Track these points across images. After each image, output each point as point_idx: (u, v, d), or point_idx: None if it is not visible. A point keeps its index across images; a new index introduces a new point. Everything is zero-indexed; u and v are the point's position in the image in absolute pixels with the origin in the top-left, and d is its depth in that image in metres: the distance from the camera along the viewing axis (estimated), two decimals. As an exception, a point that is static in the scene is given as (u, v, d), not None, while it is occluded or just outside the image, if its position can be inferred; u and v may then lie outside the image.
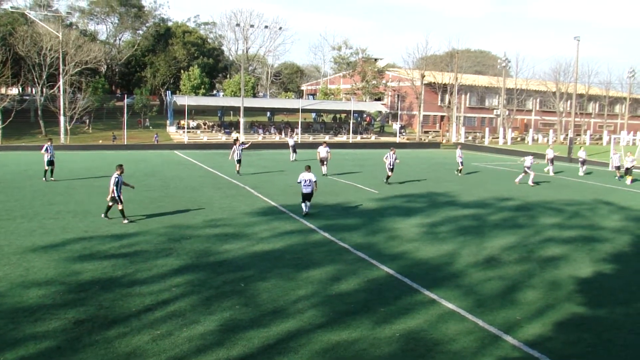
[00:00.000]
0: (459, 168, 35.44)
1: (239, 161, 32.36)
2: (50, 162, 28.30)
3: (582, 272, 13.97)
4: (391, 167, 29.11)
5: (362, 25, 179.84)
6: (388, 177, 29.49)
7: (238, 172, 32.14)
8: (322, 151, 33.23)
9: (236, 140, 52.72)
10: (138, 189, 25.55)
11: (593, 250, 16.26)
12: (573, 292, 12.39)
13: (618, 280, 13.56)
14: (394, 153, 29.21)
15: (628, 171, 34.06)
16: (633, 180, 33.73)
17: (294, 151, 43.83)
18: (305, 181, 19.53)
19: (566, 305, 11.53)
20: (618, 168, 36.46)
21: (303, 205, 19.87)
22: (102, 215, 18.84)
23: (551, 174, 36.92)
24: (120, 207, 18.32)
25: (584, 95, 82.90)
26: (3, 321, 9.90)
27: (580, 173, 38.11)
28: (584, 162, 39.01)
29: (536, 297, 11.91)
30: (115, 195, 18.22)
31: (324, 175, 32.19)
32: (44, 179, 28.05)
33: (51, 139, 30.75)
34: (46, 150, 28.20)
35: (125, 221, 18.18)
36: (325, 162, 33.12)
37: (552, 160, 37.71)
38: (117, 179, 18.28)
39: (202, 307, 10.84)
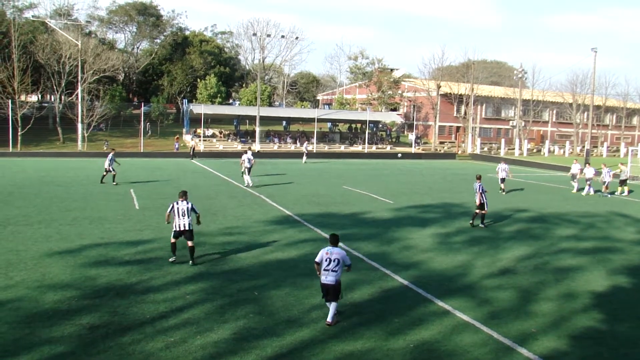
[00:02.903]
0: (502, 186, 31.89)
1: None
2: (108, 170, 30.42)
3: (598, 284, 13.83)
4: (483, 200, 20.98)
5: (379, 35, 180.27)
6: (473, 217, 21.56)
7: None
8: (247, 160, 31.17)
9: (193, 147, 53.42)
10: (154, 197, 25.75)
11: (609, 262, 16.08)
12: (589, 304, 12.26)
13: (635, 293, 13.39)
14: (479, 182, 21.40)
15: (623, 182, 34.12)
16: (630, 191, 33.71)
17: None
18: (328, 262, 10.73)
19: (582, 318, 11.41)
20: (588, 180, 32.87)
21: (328, 304, 10.84)
22: None
23: (574, 190, 33.75)
24: None
25: (601, 106, 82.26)
26: (19, 325, 10.00)
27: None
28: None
29: (551, 309, 11.80)
30: None
31: (246, 186, 30.51)
32: (114, 183, 30.18)
33: (114, 149, 34.48)
34: (111, 160, 30.49)
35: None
36: (249, 172, 31.21)
37: (574, 176, 34.46)
38: None
39: (216, 315, 10.87)
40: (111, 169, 30.42)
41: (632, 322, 11.30)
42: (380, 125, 79.91)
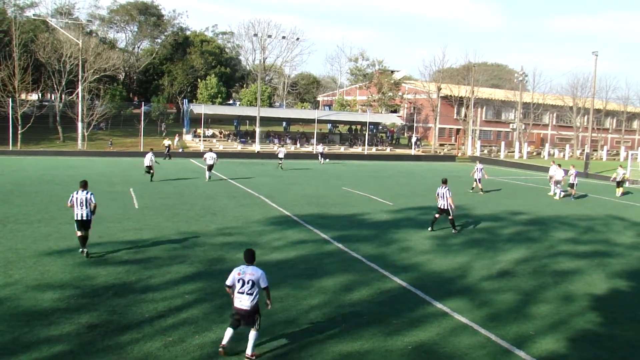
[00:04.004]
0: (474, 186, 32.82)
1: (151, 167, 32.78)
2: (149, 167, 32.39)
3: (597, 287, 13.84)
4: (448, 206, 19.83)
5: (379, 37, 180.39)
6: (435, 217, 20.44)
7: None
8: (209, 158, 34.10)
9: (169, 146, 52.72)
10: (154, 196, 25.75)
11: (608, 265, 16.09)
12: (587, 307, 12.27)
13: (634, 296, 13.40)
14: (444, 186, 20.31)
15: (619, 184, 34.72)
16: (624, 193, 34.60)
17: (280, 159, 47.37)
18: (242, 283, 9.08)
19: (581, 320, 11.42)
20: (557, 183, 31.74)
21: (227, 331, 9.13)
22: None
23: (560, 195, 31.60)
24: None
25: (602, 110, 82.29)
26: (18, 324, 10.01)
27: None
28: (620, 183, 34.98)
29: (550, 312, 11.81)
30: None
31: (208, 181, 33.21)
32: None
33: (152, 148, 37.36)
34: (152, 158, 32.76)
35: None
36: (211, 169, 34.16)
37: (558, 182, 31.79)
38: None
39: (214, 314, 10.88)
40: (152, 166, 32.31)
41: (631, 325, 11.31)
42: (381, 127, 79.94)
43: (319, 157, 53.80)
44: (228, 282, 9.25)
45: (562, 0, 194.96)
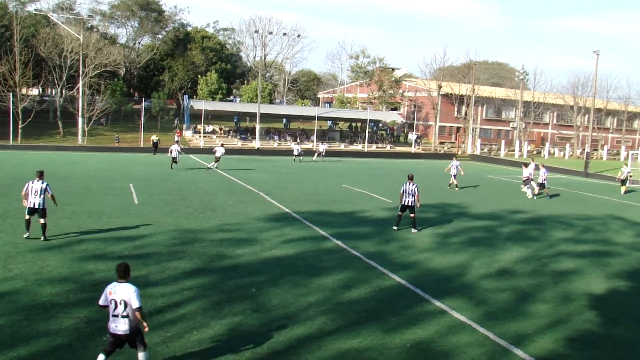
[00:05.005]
0: (450, 182, 32.73)
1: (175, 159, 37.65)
2: (175, 157, 37.31)
3: (596, 287, 13.84)
4: (413, 204, 19.29)
5: (380, 34, 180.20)
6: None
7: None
8: (218, 151, 39.13)
9: (157, 142, 51.92)
10: (153, 192, 25.74)
11: (607, 265, 16.10)
12: (586, 307, 12.27)
13: (633, 296, 13.41)
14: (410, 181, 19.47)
15: (623, 182, 35.42)
16: (627, 192, 35.29)
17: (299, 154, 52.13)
18: (114, 305, 8.04)
19: (579, 320, 11.42)
20: (526, 181, 30.86)
21: (99, 358, 7.98)
22: None
23: (529, 195, 30.39)
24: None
25: (602, 109, 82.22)
26: (17, 318, 10.02)
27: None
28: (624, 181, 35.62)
29: (548, 311, 11.82)
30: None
31: (208, 168, 38.48)
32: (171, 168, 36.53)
33: (178, 141, 42.48)
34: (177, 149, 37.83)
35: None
36: (218, 160, 38.94)
37: (526, 181, 30.84)
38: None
39: (212, 311, 10.88)
40: (177, 157, 37.31)
41: (630, 325, 11.31)
42: (381, 125, 79.88)
43: (320, 155, 54.17)
44: (100, 301, 8.18)
45: (562, 0, 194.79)
